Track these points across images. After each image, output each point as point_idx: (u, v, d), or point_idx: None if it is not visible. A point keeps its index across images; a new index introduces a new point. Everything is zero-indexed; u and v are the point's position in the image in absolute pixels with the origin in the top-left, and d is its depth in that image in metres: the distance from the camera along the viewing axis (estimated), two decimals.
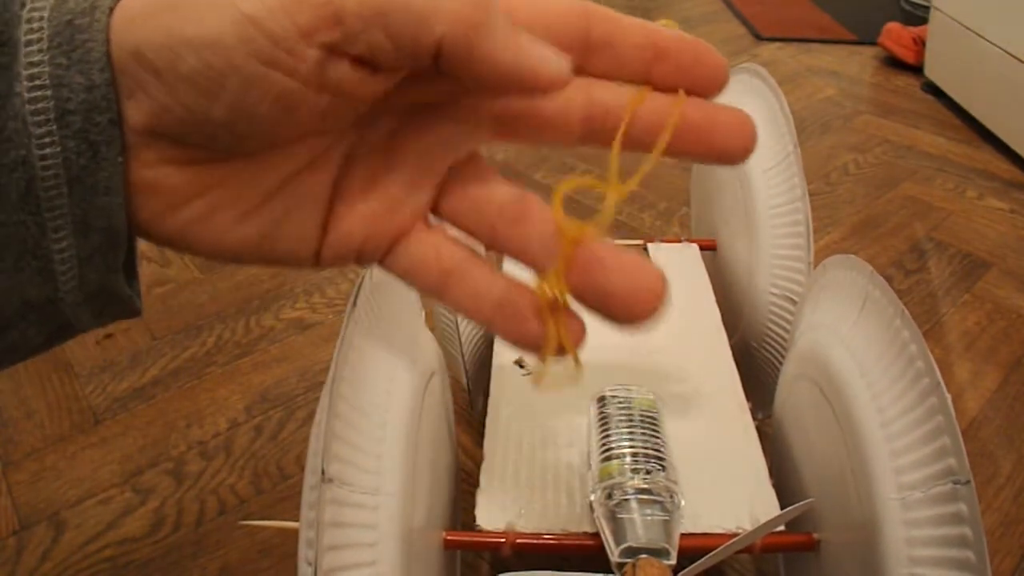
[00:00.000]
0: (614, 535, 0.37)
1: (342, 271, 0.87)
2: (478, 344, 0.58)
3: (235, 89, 0.16)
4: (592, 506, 0.39)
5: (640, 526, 0.36)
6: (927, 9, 1.29)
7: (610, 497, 0.38)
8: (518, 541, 0.39)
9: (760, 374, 0.57)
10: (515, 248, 0.20)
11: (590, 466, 0.41)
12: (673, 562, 0.36)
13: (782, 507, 0.40)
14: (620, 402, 0.43)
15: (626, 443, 0.40)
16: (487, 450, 0.45)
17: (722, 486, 0.42)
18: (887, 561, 0.32)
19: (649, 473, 0.38)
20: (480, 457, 0.44)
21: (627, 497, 0.37)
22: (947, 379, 0.65)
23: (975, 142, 1.15)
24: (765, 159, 0.57)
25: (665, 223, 0.97)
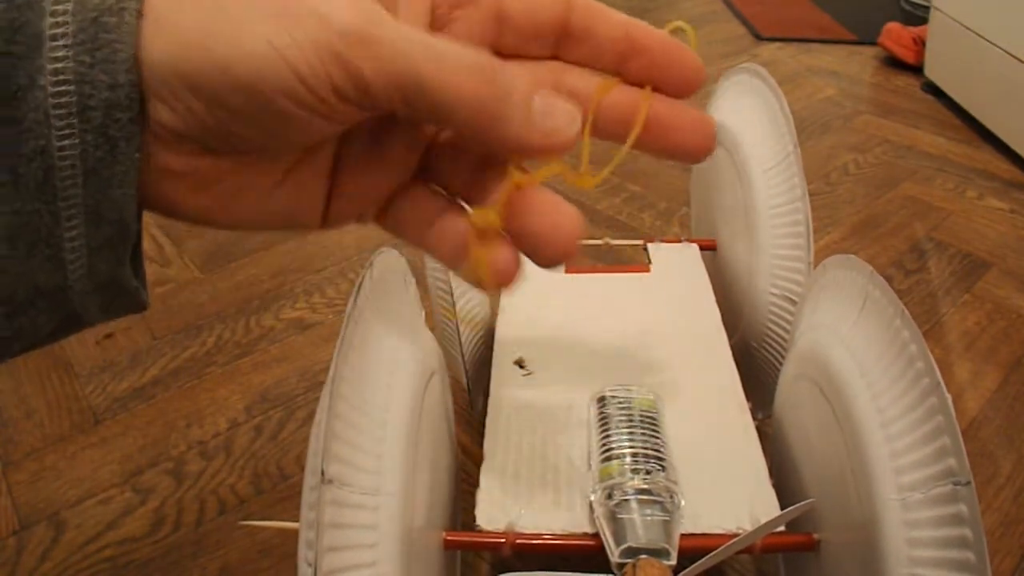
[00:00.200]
0: (614, 535, 0.37)
1: (342, 272, 0.87)
2: (478, 344, 0.58)
3: (264, 120, 0.18)
4: (592, 506, 0.39)
5: (640, 526, 0.36)
6: (927, 9, 1.29)
7: (610, 497, 0.38)
8: (518, 541, 0.39)
9: (760, 374, 0.57)
10: (477, 192, 0.22)
11: (590, 466, 0.41)
12: (673, 562, 0.36)
13: (782, 507, 0.40)
14: (620, 402, 0.43)
15: (626, 443, 0.40)
16: (487, 450, 0.45)
17: (722, 486, 0.42)
18: (887, 561, 0.32)
19: (649, 473, 0.38)
20: (480, 457, 0.44)
21: (627, 497, 0.37)
22: (947, 379, 0.65)
23: (975, 142, 1.15)
24: (765, 159, 0.57)
25: (665, 223, 0.97)
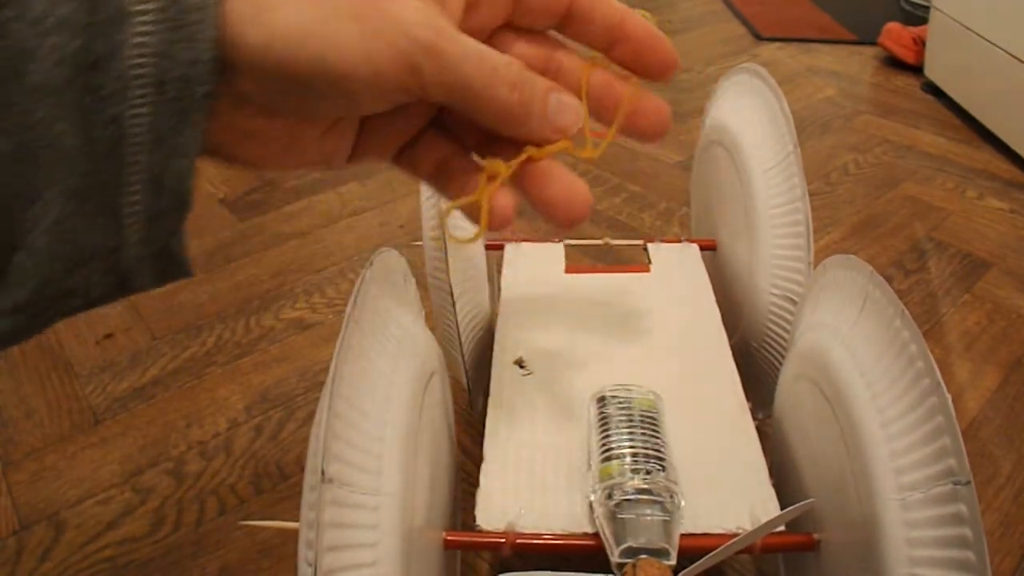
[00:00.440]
0: (614, 535, 0.37)
1: (342, 272, 0.87)
2: (478, 344, 0.58)
3: (334, 99, 0.21)
4: (592, 506, 0.39)
5: (640, 526, 0.36)
6: (927, 9, 1.29)
7: (610, 497, 0.38)
8: (518, 541, 0.39)
9: (760, 374, 0.57)
10: (487, 149, 0.27)
11: (590, 466, 0.41)
12: (673, 562, 0.36)
13: (782, 507, 0.40)
14: (620, 402, 0.43)
15: (626, 443, 0.40)
16: (487, 450, 0.45)
17: (722, 486, 0.42)
18: (887, 561, 0.32)
19: (649, 473, 0.38)
20: (480, 457, 0.44)
21: (627, 497, 0.37)
22: (947, 379, 0.65)
23: (975, 142, 1.15)
24: (765, 159, 0.57)
25: (665, 223, 0.97)
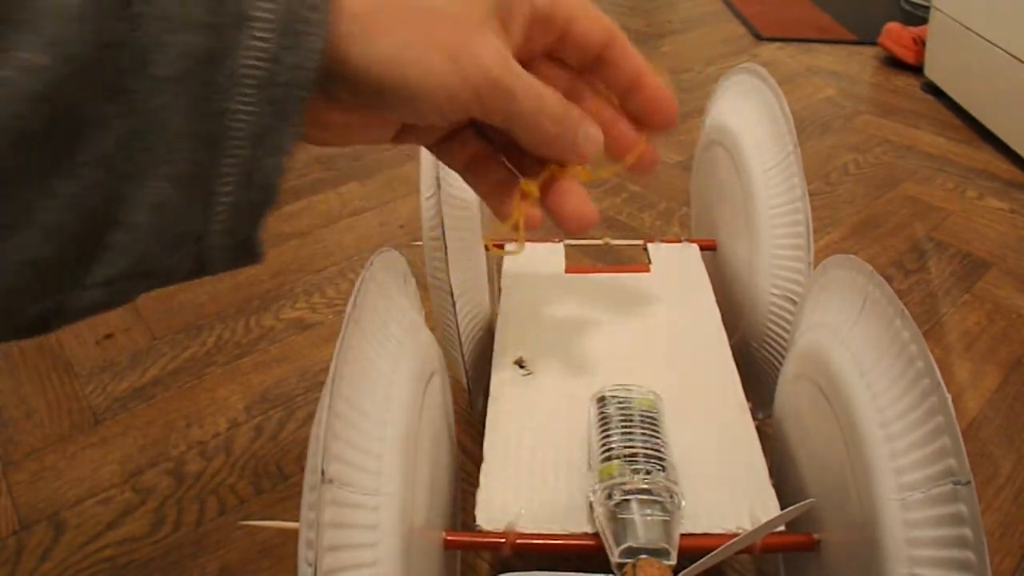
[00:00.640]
0: (614, 535, 0.37)
1: (342, 272, 0.87)
2: (478, 344, 0.58)
3: (409, 110, 0.24)
4: (592, 506, 0.39)
5: (640, 526, 0.36)
6: (927, 9, 1.29)
7: (610, 497, 0.38)
8: (518, 541, 0.39)
9: (760, 374, 0.57)
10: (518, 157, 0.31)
11: (590, 466, 0.41)
12: (673, 562, 0.36)
13: (782, 507, 0.40)
14: (620, 402, 0.43)
15: (626, 443, 0.40)
16: (487, 450, 0.45)
17: (722, 486, 0.42)
18: (887, 561, 0.32)
19: (649, 473, 0.38)
20: (480, 457, 0.44)
21: (627, 497, 0.37)
22: (947, 379, 0.65)
23: (975, 142, 1.15)
24: (765, 159, 0.57)
25: (665, 223, 0.97)
